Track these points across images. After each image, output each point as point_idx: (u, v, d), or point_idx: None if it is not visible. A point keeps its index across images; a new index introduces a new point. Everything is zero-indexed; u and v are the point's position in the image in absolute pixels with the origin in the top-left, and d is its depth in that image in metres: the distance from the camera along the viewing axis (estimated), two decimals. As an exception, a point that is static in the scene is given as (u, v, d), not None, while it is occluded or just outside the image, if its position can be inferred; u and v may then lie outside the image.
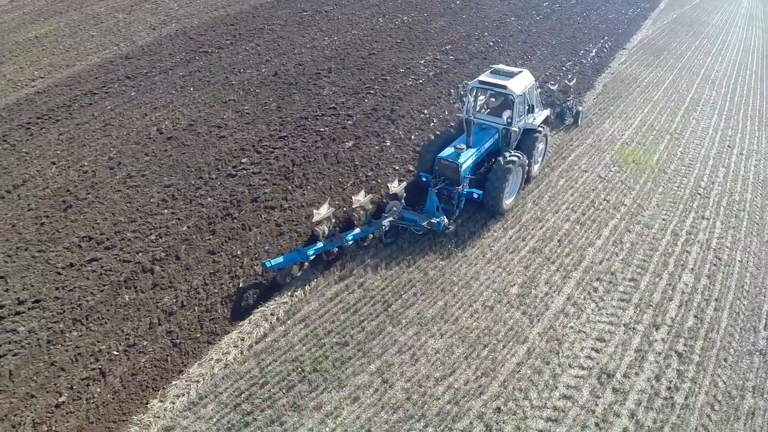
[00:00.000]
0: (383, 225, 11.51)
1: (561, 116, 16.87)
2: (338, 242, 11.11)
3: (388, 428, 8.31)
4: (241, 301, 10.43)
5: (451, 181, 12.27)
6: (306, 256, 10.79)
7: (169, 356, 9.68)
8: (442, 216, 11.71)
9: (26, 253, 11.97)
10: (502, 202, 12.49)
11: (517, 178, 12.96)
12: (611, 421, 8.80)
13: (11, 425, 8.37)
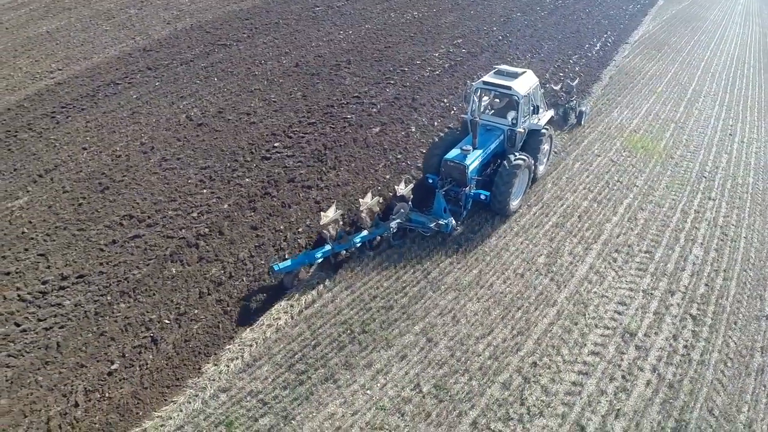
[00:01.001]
0: (391, 227, 11.50)
1: (564, 116, 17.00)
2: (346, 244, 11.13)
3: (435, 382, 9.08)
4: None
5: (457, 183, 12.23)
6: (314, 259, 10.83)
7: (221, 323, 10.30)
8: (449, 217, 11.78)
9: (66, 232, 12.53)
10: (509, 204, 12.49)
11: (523, 179, 12.94)
12: (636, 374, 9.64)
13: (62, 394, 8.86)
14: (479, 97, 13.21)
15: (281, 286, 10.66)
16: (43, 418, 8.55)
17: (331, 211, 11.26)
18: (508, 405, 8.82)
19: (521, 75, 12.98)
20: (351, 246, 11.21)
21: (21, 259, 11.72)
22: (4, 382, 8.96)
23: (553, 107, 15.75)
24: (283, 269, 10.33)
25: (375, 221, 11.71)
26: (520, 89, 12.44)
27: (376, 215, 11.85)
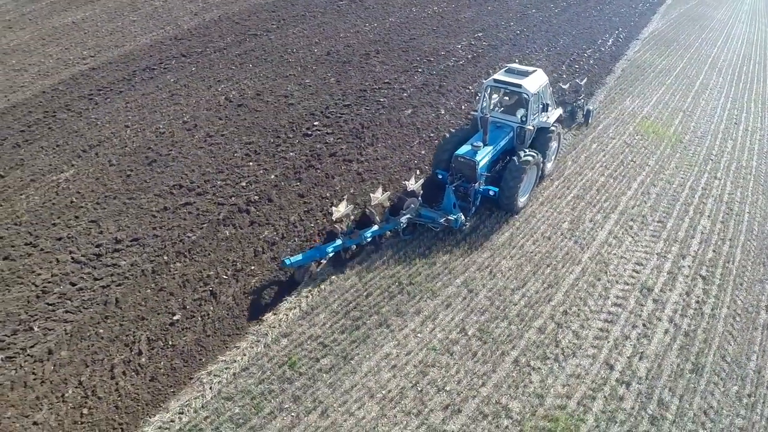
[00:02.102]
0: (401, 222, 11.68)
1: (572, 115, 17.20)
2: (356, 239, 11.30)
3: (478, 327, 10.24)
4: (334, 232, 12.13)
5: (467, 179, 12.38)
6: (325, 253, 10.96)
7: (277, 277, 11.37)
8: (459, 213, 11.96)
9: (116, 201, 13.46)
10: (517, 201, 12.68)
11: (531, 176, 13.10)
12: (654, 323, 10.81)
13: (124, 344, 9.79)
14: (489, 94, 13.36)
15: (292, 281, 11.03)
16: (107, 366, 9.43)
17: (342, 206, 11.51)
18: (545, 346, 9.99)
19: (531, 73, 13.20)
20: (362, 241, 11.38)
21: (72, 226, 12.65)
22: (63, 336, 9.81)
23: (560, 106, 15.91)
24: (295, 263, 10.54)
25: (385, 216, 11.92)
26: (530, 87, 12.67)
27: (387, 210, 12.09)
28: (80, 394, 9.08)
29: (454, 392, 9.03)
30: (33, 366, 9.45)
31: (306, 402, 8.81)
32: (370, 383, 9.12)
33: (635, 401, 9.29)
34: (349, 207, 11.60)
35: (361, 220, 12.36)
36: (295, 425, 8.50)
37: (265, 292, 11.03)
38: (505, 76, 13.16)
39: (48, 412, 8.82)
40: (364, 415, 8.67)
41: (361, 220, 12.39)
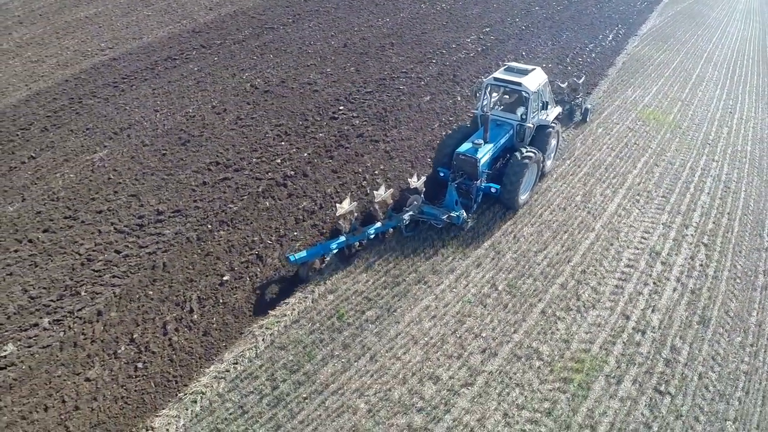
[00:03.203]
0: (404, 219, 11.79)
1: (570, 113, 17.46)
2: (360, 236, 11.44)
3: (507, 283, 11.28)
4: (371, 204, 13.09)
5: (469, 176, 12.46)
6: (329, 250, 11.12)
7: (319, 242, 12.16)
8: (461, 210, 12.09)
9: (154, 177, 14.20)
10: (518, 197, 12.81)
11: (532, 173, 13.16)
12: (663, 282, 11.89)
13: (175, 304, 10.59)
14: (489, 93, 13.47)
15: (297, 277, 11.23)
16: (158, 324, 10.21)
17: (346, 203, 11.63)
18: (567, 299, 11.03)
19: (531, 72, 13.35)
20: (365, 237, 11.53)
21: (111, 200, 13.38)
22: (112, 299, 10.54)
23: (559, 104, 16.04)
24: (299, 260, 10.66)
25: (388, 213, 12.09)
26: (530, 85, 12.82)
27: (389, 207, 12.24)
28: (133, 350, 9.81)
29: (490, 338, 10.04)
30: (82, 327, 10.11)
31: (355, 349, 9.74)
32: (413, 331, 10.08)
33: (651, 347, 10.33)
34: (353, 204, 11.74)
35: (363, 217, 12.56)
36: (347, 369, 9.41)
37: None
38: (505, 74, 13.30)
39: (100, 368, 9.48)
40: (410, 359, 9.61)
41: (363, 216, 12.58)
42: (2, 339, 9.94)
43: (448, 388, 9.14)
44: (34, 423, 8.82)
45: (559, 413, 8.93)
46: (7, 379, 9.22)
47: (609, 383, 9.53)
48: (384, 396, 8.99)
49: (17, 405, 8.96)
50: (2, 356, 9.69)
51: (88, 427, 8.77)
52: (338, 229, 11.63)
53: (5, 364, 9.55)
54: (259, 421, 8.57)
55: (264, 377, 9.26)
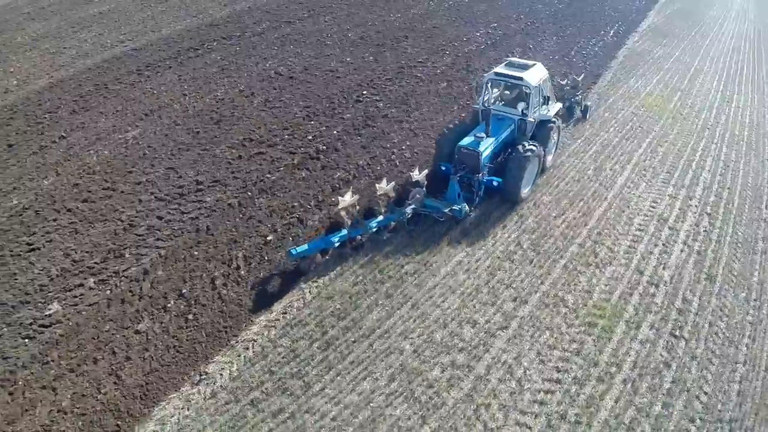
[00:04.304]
0: (406, 212, 11.89)
1: (570, 111, 17.61)
2: (362, 229, 11.51)
3: (531, 242, 12.29)
4: (402, 173, 14.04)
5: (471, 170, 12.53)
6: (331, 244, 11.15)
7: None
8: (463, 203, 12.23)
9: (189, 152, 14.90)
10: (520, 191, 12.92)
11: (534, 167, 13.27)
12: (672, 244, 12.94)
13: (221, 262, 11.35)
14: (491, 87, 13.54)
15: (298, 271, 11.32)
16: (206, 280, 10.99)
17: (347, 196, 11.56)
18: (586, 257, 12.05)
19: (532, 67, 13.44)
20: (367, 231, 11.59)
21: (149, 173, 14.09)
22: (158, 259, 11.26)
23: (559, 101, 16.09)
24: (300, 254, 10.78)
25: (390, 207, 12.09)
26: (531, 80, 12.92)
27: (391, 201, 12.22)
28: (182, 304, 10.52)
29: (520, 288, 11.02)
30: (129, 285, 10.76)
31: (397, 298, 10.65)
32: (449, 282, 11.02)
33: (664, 298, 11.34)
34: (355, 197, 11.64)
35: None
36: (391, 316, 10.32)
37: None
38: (506, 69, 13.40)
39: (150, 321, 10.16)
40: (449, 306, 10.55)
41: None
42: (47, 299, 10.51)
43: (485, 330, 10.08)
44: (83, 375, 9.35)
45: (587, 353, 9.88)
46: (53, 335, 9.78)
47: (629, 328, 10.51)
48: (427, 338, 9.89)
49: (65, 359, 9.50)
50: (47, 315, 10.23)
51: (140, 375, 9.38)
52: (339, 223, 11.60)
53: (51, 322, 10.08)
54: (311, 363, 9.40)
55: (313, 324, 10.11)
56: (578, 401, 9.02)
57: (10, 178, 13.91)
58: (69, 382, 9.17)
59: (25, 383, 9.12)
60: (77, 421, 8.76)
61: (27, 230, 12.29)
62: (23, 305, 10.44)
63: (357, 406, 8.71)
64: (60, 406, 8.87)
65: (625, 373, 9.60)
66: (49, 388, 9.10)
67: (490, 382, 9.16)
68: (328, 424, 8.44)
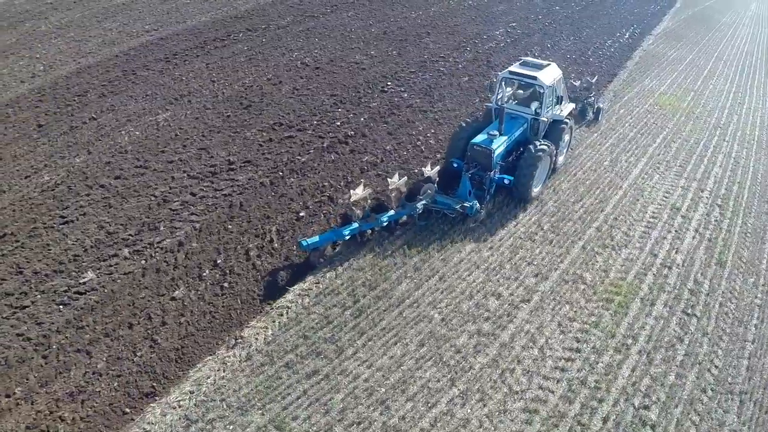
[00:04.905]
0: (417, 208, 11.97)
1: (582, 112, 17.65)
2: (373, 223, 11.58)
3: (550, 225, 12.95)
4: (428, 158, 14.74)
5: (483, 167, 12.56)
6: (342, 236, 11.26)
7: (385, 191, 13.26)
8: (474, 200, 12.29)
9: (221, 135, 15.57)
10: (531, 189, 13.00)
11: (545, 166, 13.30)
12: (684, 231, 13.55)
13: (255, 235, 11.94)
14: (504, 86, 13.62)
15: (308, 263, 11.48)
16: (241, 252, 11.62)
17: (359, 189, 11.63)
18: (603, 239, 12.70)
19: (546, 66, 13.52)
20: (378, 225, 11.68)
21: (181, 153, 14.72)
22: (192, 232, 11.87)
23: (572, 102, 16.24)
24: (311, 245, 10.91)
25: (401, 202, 12.18)
26: (545, 79, 13.01)
27: (403, 196, 12.30)
28: (217, 273, 11.12)
29: (541, 265, 11.68)
30: (164, 256, 11.31)
31: (425, 271, 11.32)
32: (473, 258, 11.69)
33: (677, 279, 11.94)
34: (367, 190, 11.74)
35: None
36: (419, 287, 10.98)
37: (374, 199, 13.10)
38: (521, 68, 13.50)
39: (185, 289, 10.71)
40: (474, 279, 11.22)
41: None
42: (81, 268, 10.99)
43: (509, 302, 10.74)
44: (118, 339, 9.77)
45: (604, 325, 10.51)
46: (88, 302, 10.23)
47: (644, 304, 11.13)
48: (454, 308, 10.55)
49: (99, 324, 9.91)
50: (82, 283, 10.69)
51: (176, 339, 9.87)
52: (350, 216, 11.75)
53: (85, 289, 10.52)
54: (344, 329, 10.02)
55: (345, 293, 10.76)
56: (597, 369, 9.65)
57: (41, 156, 14.55)
58: (104, 346, 9.62)
59: (60, 347, 9.52)
60: (112, 383, 9.16)
61: (60, 204, 12.82)
62: (57, 274, 10.93)
63: (389, 368, 9.34)
64: (95, 368, 9.30)
65: (641, 345, 10.22)
66: (83, 352, 9.53)
67: (514, 350, 9.81)
68: (361, 385, 9.04)
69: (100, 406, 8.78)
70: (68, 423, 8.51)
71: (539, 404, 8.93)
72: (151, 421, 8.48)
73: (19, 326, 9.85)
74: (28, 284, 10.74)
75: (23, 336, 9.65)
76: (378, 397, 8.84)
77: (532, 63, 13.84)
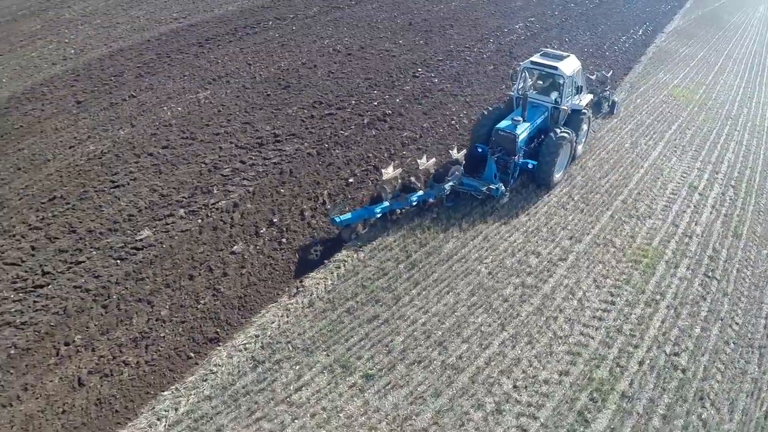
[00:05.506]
0: (445, 189, 12.44)
1: (598, 105, 18.10)
2: (403, 202, 12.12)
3: (580, 196, 13.95)
4: (462, 136, 15.75)
5: (507, 152, 13.07)
6: (373, 214, 11.74)
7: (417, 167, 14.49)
8: (499, 183, 12.81)
9: (263, 111, 16.46)
10: (553, 175, 13.51)
11: (566, 153, 13.79)
12: (702, 207, 14.55)
13: (307, 198, 13.02)
14: (526, 76, 14.10)
15: (339, 239, 11.95)
16: (295, 212, 12.54)
17: (391, 169, 12.18)
18: (629, 210, 13.72)
19: (566, 58, 14.04)
20: (407, 204, 12.22)
21: (225, 126, 15.60)
22: (245, 195, 12.75)
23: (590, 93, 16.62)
24: (344, 222, 11.32)
25: (429, 183, 12.79)
26: (565, 69, 13.51)
27: (431, 177, 12.94)
28: (274, 231, 11.98)
29: (574, 230, 12.70)
30: (220, 215, 12.13)
31: (470, 231, 12.30)
32: (512, 222, 12.73)
33: (697, 246, 12.94)
34: (398, 170, 12.36)
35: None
36: (465, 245, 11.96)
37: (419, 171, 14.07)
38: (542, 58, 14.06)
39: (244, 245, 11.52)
40: (514, 240, 12.24)
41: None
42: (137, 227, 11.74)
43: (548, 260, 11.73)
44: (180, 289, 10.36)
45: (635, 282, 11.50)
46: (146, 256, 10.90)
47: (669, 267, 12.12)
48: (499, 264, 11.53)
49: (159, 276, 10.52)
50: (138, 240, 11.39)
51: (238, 288, 10.65)
52: (380, 195, 12.24)
53: (142, 245, 11.22)
54: (399, 279, 10.97)
55: (397, 249, 11.69)
56: (630, 319, 10.62)
57: (83, 128, 15.33)
58: (165, 296, 10.20)
59: (120, 297, 10.08)
60: (176, 329, 9.72)
61: (108, 170, 13.60)
62: (112, 232, 11.65)
63: (443, 314, 10.29)
64: (158, 316, 9.85)
65: (668, 301, 11.20)
66: (144, 302, 10.08)
67: (556, 300, 10.78)
68: (419, 328, 9.97)
69: (164, 351, 9.37)
70: (132, 367, 9.10)
71: (581, 348, 9.90)
72: (217, 363, 9.16)
73: (76, 279, 10.48)
74: (82, 242, 11.40)
75: (81, 288, 10.26)
76: (435, 338, 9.78)
77: (553, 54, 14.48)
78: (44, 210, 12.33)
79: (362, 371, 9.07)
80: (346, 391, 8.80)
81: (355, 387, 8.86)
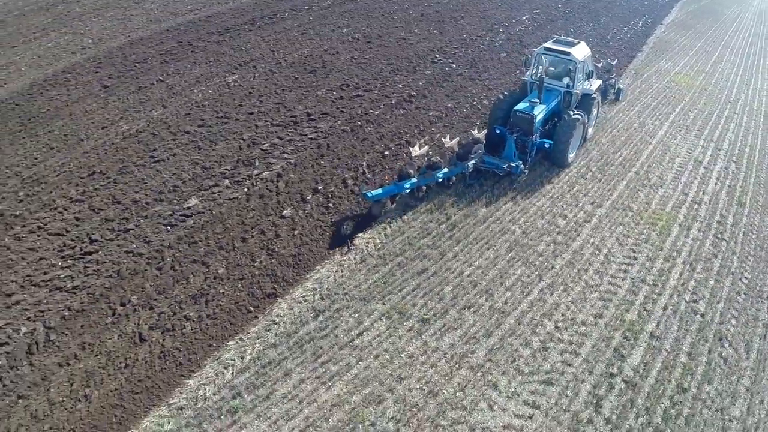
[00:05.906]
0: (468, 166, 13.12)
1: (604, 92, 18.72)
2: (430, 179, 12.78)
3: (597, 168, 15.05)
4: (485, 115, 16.53)
5: (524, 132, 13.76)
6: (402, 189, 12.41)
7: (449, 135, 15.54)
8: (518, 161, 13.57)
9: (293, 93, 17.20)
10: (568, 153, 14.37)
11: (579, 133, 14.54)
12: (707, 179, 15.75)
13: (347, 168, 13.66)
14: (540, 61, 14.66)
15: (370, 214, 12.50)
16: (338, 181, 13.33)
17: (418, 147, 13.39)
18: (642, 180, 14.87)
19: (577, 44, 14.79)
20: (433, 180, 12.91)
21: (258, 106, 16.25)
22: (288, 166, 13.44)
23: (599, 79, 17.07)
24: (375, 197, 11.89)
25: (453, 161, 13.52)
26: (577, 55, 14.26)
27: (454, 155, 13.76)
28: (320, 197, 12.75)
29: (594, 196, 13.83)
30: (265, 185, 12.71)
31: (501, 198, 13.35)
32: (538, 189, 13.82)
33: (706, 212, 14.11)
34: (425, 148, 13.37)
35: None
36: (498, 208, 13.03)
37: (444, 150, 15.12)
38: (555, 44, 14.80)
39: (292, 210, 12.26)
40: (542, 204, 13.36)
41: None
42: (183, 196, 12.18)
43: (574, 221, 12.84)
44: (234, 250, 10.90)
45: (653, 241, 12.64)
46: (197, 222, 11.36)
47: (682, 229, 13.26)
48: (531, 224, 12.61)
49: (212, 240, 11.05)
50: (186, 208, 11.82)
51: (292, 247, 11.36)
52: (408, 172, 12.67)
53: (191, 213, 11.66)
54: (442, 238, 11.97)
55: (438, 212, 12.69)
56: (652, 271, 11.74)
57: (113, 110, 15.79)
58: (220, 257, 10.75)
59: (174, 259, 10.47)
60: (235, 285, 10.29)
61: (146, 147, 14.07)
62: (158, 202, 12.07)
63: (486, 267, 11.33)
64: (216, 274, 10.37)
65: (684, 257, 12.34)
66: (199, 263, 10.54)
67: (585, 255, 11.87)
68: (465, 279, 11.00)
69: (225, 306, 9.96)
70: (194, 321, 9.61)
71: (611, 295, 11.00)
72: (279, 314, 9.95)
73: (127, 245, 10.83)
74: (128, 211, 11.78)
75: (132, 252, 10.62)
76: (481, 287, 10.81)
77: (565, 41, 15.33)
78: (84, 185, 12.66)
79: (418, 316, 10.05)
80: (404, 334, 9.74)
81: (413, 330, 9.82)
